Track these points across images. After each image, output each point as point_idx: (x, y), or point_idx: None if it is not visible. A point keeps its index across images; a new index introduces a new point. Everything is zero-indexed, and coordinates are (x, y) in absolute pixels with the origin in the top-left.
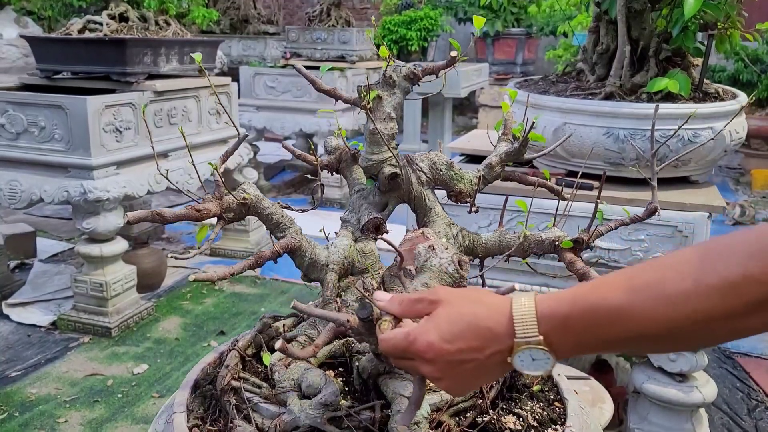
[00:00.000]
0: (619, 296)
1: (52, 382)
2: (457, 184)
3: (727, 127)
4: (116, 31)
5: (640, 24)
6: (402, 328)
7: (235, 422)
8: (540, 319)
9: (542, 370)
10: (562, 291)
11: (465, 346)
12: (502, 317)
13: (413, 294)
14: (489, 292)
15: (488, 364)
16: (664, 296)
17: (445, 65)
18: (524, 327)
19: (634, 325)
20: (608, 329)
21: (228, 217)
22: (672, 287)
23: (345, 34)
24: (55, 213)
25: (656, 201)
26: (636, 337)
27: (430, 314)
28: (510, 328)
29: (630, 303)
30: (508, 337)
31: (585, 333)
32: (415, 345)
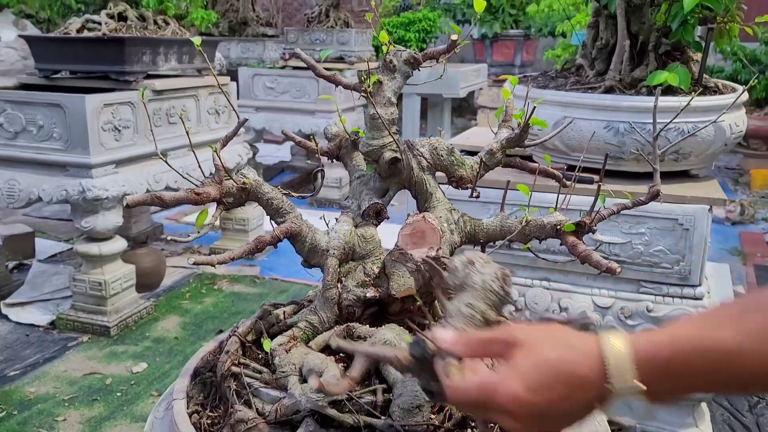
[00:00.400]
0: (733, 339)
1: (50, 381)
2: (458, 170)
3: (727, 121)
4: (115, 31)
5: (640, 18)
6: (476, 377)
7: (236, 407)
8: (638, 365)
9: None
10: (656, 331)
11: (553, 397)
12: (594, 362)
13: (483, 333)
14: (569, 330)
15: (574, 412)
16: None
17: (446, 49)
18: (621, 375)
19: (748, 369)
20: (719, 374)
21: (228, 202)
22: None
23: (344, 35)
24: (54, 214)
25: (658, 184)
26: (747, 380)
27: (509, 359)
28: (602, 373)
29: (745, 347)
30: (600, 385)
31: (689, 376)
32: (497, 398)
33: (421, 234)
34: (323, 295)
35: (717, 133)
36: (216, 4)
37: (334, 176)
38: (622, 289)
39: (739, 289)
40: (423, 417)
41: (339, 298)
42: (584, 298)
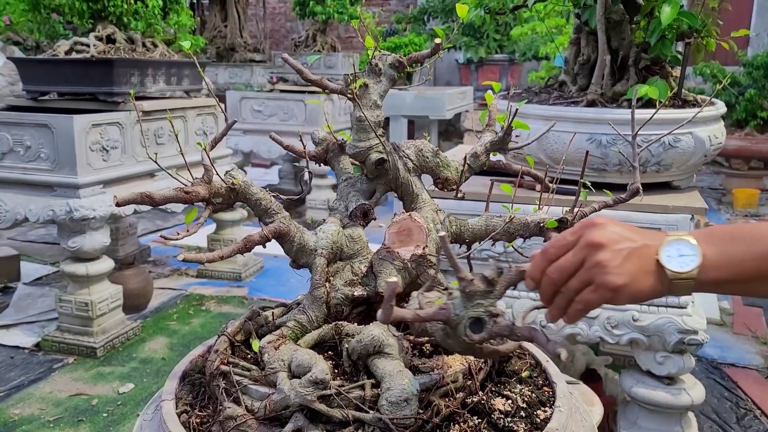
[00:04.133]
0: (756, 223)
1: (35, 403)
2: (444, 171)
3: (706, 133)
4: (103, 53)
5: (620, 34)
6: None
7: (225, 404)
8: (692, 233)
9: (687, 267)
10: None
11: (627, 229)
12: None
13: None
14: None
15: (639, 253)
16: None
17: (429, 53)
18: (676, 231)
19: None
20: (752, 242)
21: (216, 202)
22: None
23: (331, 59)
24: (40, 237)
25: (638, 182)
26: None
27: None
28: (662, 232)
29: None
30: (660, 236)
31: (730, 244)
32: (591, 218)
33: (407, 232)
34: (311, 294)
35: (697, 144)
36: (204, 30)
37: (322, 198)
38: None
39: (722, 301)
40: (411, 410)
41: (327, 297)
42: None
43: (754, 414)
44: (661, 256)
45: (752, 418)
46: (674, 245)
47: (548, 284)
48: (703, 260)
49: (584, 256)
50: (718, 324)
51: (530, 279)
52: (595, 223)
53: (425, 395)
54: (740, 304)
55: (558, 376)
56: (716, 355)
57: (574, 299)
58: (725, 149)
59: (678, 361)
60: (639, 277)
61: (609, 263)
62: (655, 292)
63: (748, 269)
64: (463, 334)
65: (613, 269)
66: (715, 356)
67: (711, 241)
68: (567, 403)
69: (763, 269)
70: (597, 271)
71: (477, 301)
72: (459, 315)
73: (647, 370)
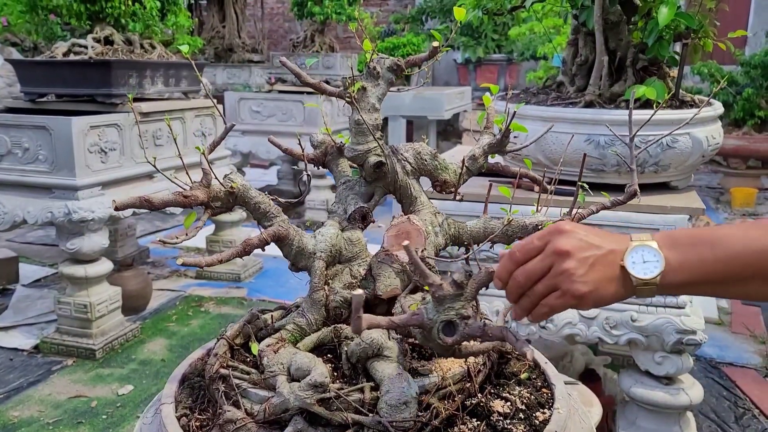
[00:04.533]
0: (715, 227)
1: (34, 405)
2: (442, 174)
3: (703, 133)
4: (101, 54)
5: (617, 35)
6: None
7: (224, 408)
8: (654, 236)
9: (651, 273)
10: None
11: (593, 235)
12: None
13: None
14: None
15: (604, 261)
16: (761, 226)
17: (427, 56)
18: (639, 235)
19: (736, 245)
20: (716, 248)
21: (215, 206)
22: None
23: (329, 60)
24: (38, 239)
25: (636, 184)
26: (738, 257)
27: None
28: (627, 236)
29: (726, 228)
30: (625, 241)
31: (694, 248)
32: (559, 224)
33: (406, 235)
34: (310, 297)
35: (694, 145)
36: (202, 31)
37: (321, 198)
38: None
39: (721, 301)
40: (410, 413)
41: (326, 300)
42: (569, 309)
43: (752, 413)
44: (626, 263)
45: (750, 417)
46: (638, 251)
47: (515, 286)
48: (665, 266)
49: (551, 263)
50: (716, 323)
51: (498, 280)
52: (562, 230)
53: (424, 398)
54: (738, 304)
55: (556, 378)
56: (714, 355)
57: (539, 302)
58: (723, 148)
59: (676, 361)
60: (603, 284)
61: (575, 271)
62: (618, 297)
63: (710, 273)
64: (437, 338)
65: (578, 278)
66: (713, 355)
67: (673, 245)
68: (565, 405)
69: (723, 273)
70: (563, 278)
71: (448, 305)
72: (432, 319)
73: (646, 370)
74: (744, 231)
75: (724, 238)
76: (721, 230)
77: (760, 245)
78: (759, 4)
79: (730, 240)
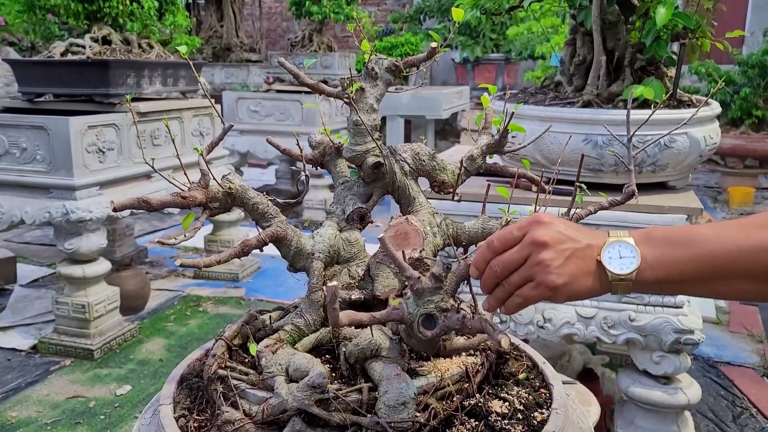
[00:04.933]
0: (693, 225)
1: (32, 405)
2: (440, 175)
3: (701, 133)
4: (99, 54)
5: (615, 35)
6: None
7: (222, 409)
8: (631, 233)
9: (627, 269)
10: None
11: (572, 229)
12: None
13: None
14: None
15: (581, 254)
16: (737, 224)
17: (425, 57)
18: (616, 231)
19: (710, 244)
20: (690, 248)
21: (213, 207)
22: (743, 221)
23: (327, 59)
24: (36, 239)
25: (633, 184)
26: (715, 258)
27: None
28: (604, 232)
29: (709, 228)
30: (602, 236)
31: (669, 247)
32: (538, 215)
33: (404, 236)
34: (309, 297)
35: (692, 145)
36: (200, 31)
37: (319, 198)
38: (604, 299)
39: (718, 300)
40: (408, 414)
41: (324, 301)
42: (568, 309)
43: (749, 412)
44: (603, 258)
45: (748, 416)
46: (615, 247)
47: (490, 276)
48: (641, 262)
49: (528, 254)
50: (714, 323)
51: (474, 268)
52: (541, 221)
53: (422, 398)
54: (736, 303)
55: (555, 378)
56: (712, 354)
57: (513, 293)
58: (721, 148)
59: (674, 361)
60: (579, 278)
61: (551, 263)
62: (593, 292)
63: (684, 271)
64: (418, 332)
65: (554, 269)
66: (711, 355)
67: (650, 243)
68: (564, 405)
69: (697, 272)
70: (539, 269)
71: (427, 298)
72: (412, 313)
73: (644, 370)
74: (719, 230)
75: (700, 238)
76: (698, 229)
77: (734, 245)
78: (756, 3)
79: (706, 239)
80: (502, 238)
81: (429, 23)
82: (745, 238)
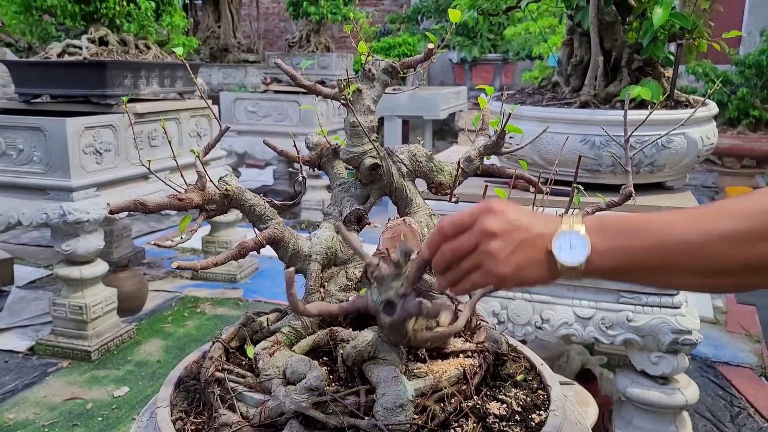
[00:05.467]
0: (649, 214)
1: (30, 407)
2: (437, 176)
3: (698, 133)
4: (96, 55)
5: (612, 35)
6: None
7: (220, 411)
8: (583, 219)
9: (576, 260)
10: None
11: (524, 216)
12: (552, 215)
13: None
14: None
15: (530, 243)
16: (689, 214)
17: (422, 58)
18: (569, 220)
19: (660, 234)
20: (640, 237)
21: (210, 209)
22: (696, 211)
23: (325, 59)
24: (33, 240)
25: (631, 185)
26: (660, 248)
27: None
28: (557, 219)
29: (657, 216)
30: (555, 224)
31: (619, 236)
32: (489, 203)
33: (401, 237)
34: (306, 299)
35: (689, 145)
36: (197, 31)
37: (317, 198)
38: (602, 300)
39: (716, 300)
40: (406, 416)
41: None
42: (565, 309)
43: (747, 412)
44: (554, 247)
45: (746, 416)
46: (566, 236)
47: (441, 260)
48: (591, 252)
49: (477, 242)
50: (712, 322)
51: (427, 249)
52: (492, 210)
53: (420, 400)
54: (734, 302)
55: (552, 379)
56: (710, 354)
57: (463, 278)
58: (718, 148)
59: (672, 361)
60: (527, 267)
61: (498, 253)
62: (542, 281)
63: (635, 261)
64: (379, 319)
65: (501, 259)
66: (709, 355)
67: (601, 231)
68: (561, 407)
69: (646, 261)
70: (486, 258)
71: (388, 285)
72: (375, 301)
73: (642, 370)
74: (671, 219)
75: (651, 226)
76: (652, 218)
77: (682, 236)
78: (753, 3)
79: (656, 229)
80: (453, 224)
81: (426, 23)
82: (693, 229)
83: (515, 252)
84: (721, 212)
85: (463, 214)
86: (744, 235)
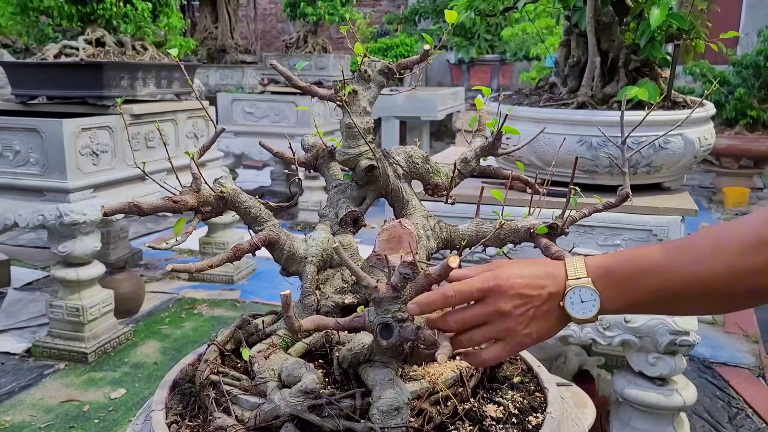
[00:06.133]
0: (655, 252)
1: (26, 409)
2: (434, 177)
3: (696, 134)
4: (93, 56)
5: (609, 36)
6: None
7: (215, 415)
8: (587, 267)
9: (590, 313)
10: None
11: (532, 282)
12: (558, 265)
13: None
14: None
15: (543, 310)
16: (692, 252)
17: (419, 59)
18: (575, 269)
19: (668, 276)
20: (646, 279)
21: (205, 211)
22: (700, 246)
23: (322, 60)
24: (30, 242)
25: (628, 187)
26: (670, 288)
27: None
28: (564, 271)
29: (664, 257)
30: (562, 279)
31: (626, 282)
32: (498, 278)
33: (398, 239)
34: (302, 302)
35: (687, 146)
36: (195, 32)
37: (314, 199)
38: None
39: None
40: (402, 419)
41: (317, 305)
42: None
43: (745, 413)
44: (566, 305)
45: (744, 417)
46: (576, 292)
47: (443, 325)
48: (601, 303)
49: (489, 320)
50: (709, 323)
51: (417, 307)
52: (501, 289)
53: (417, 403)
54: None
55: (549, 382)
56: (708, 354)
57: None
58: (715, 148)
59: (670, 362)
60: (544, 329)
61: (517, 328)
62: (558, 332)
63: (643, 302)
64: (375, 341)
65: (520, 334)
66: (706, 355)
67: (608, 280)
68: (558, 409)
69: (656, 299)
70: (506, 335)
71: (386, 308)
72: (372, 322)
73: (639, 371)
74: (675, 258)
75: (654, 268)
76: (654, 258)
77: (686, 276)
78: (750, 4)
79: (663, 270)
80: (461, 293)
81: (424, 24)
82: (697, 267)
83: (530, 324)
84: (721, 247)
85: (472, 286)
86: (748, 269)
